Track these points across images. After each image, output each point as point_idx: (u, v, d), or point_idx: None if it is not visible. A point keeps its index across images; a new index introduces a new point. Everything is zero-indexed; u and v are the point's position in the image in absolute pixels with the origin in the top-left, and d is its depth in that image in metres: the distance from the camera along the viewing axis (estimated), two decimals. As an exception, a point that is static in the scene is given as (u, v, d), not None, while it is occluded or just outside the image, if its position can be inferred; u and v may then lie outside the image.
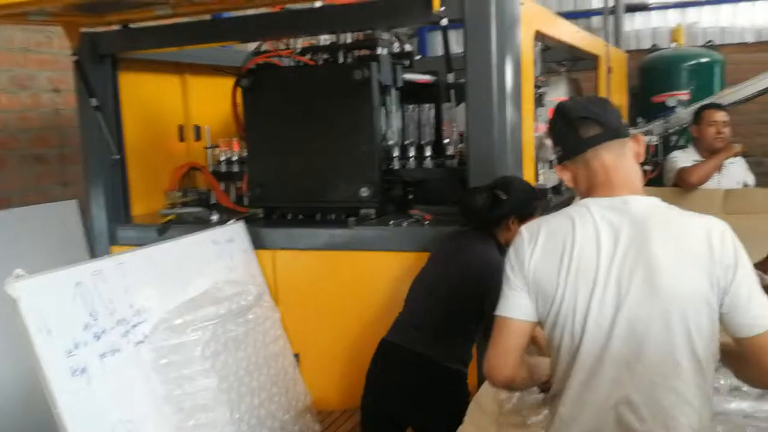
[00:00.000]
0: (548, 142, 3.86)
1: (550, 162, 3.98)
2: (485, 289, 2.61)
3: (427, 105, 3.92)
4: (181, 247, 3.25)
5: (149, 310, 2.88)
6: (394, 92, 3.92)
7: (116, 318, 2.73)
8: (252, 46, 4.21)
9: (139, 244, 3.60)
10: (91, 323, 2.62)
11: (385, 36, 3.92)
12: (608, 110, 1.96)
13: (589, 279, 1.82)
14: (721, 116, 4.67)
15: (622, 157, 1.92)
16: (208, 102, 4.74)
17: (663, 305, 1.76)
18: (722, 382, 2.36)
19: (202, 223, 3.85)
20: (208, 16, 3.84)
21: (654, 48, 7.91)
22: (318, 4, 3.80)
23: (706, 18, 8.40)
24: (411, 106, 3.90)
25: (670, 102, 6.82)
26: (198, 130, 4.68)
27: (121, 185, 4.13)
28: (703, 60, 7.17)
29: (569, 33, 4.42)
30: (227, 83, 4.32)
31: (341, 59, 3.89)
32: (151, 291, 2.92)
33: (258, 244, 3.68)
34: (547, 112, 3.97)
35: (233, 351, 3.01)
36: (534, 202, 2.91)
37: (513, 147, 3.29)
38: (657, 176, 5.16)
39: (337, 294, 3.55)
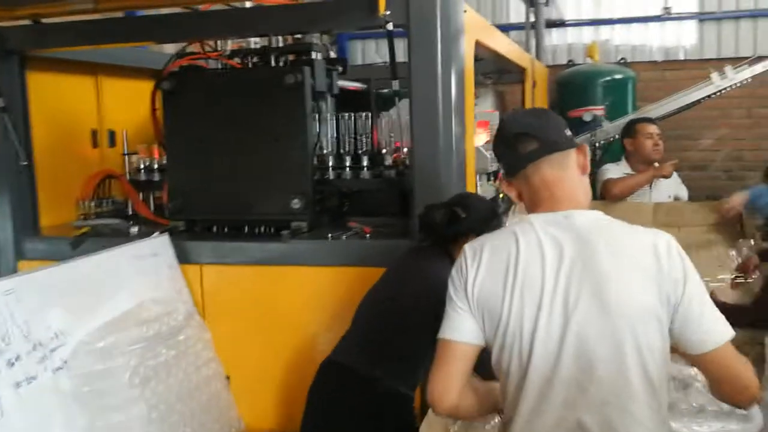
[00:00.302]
0: (488, 153, 3.79)
1: (488, 174, 3.90)
2: (439, 309, 2.50)
3: (364, 114, 3.76)
4: (102, 262, 2.97)
5: (68, 333, 2.61)
6: (329, 99, 3.76)
7: (32, 342, 2.46)
8: (173, 47, 3.97)
9: (50, 258, 3.34)
10: (4, 348, 2.35)
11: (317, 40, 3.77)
12: (546, 123, 1.90)
13: (534, 296, 1.74)
14: (655, 129, 4.72)
15: (565, 170, 1.86)
16: (125, 105, 4.44)
17: (612, 322, 1.69)
18: (683, 406, 2.30)
19: (121, 236, 3.58)
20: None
21: (570, 63, 8.04)
22: (249, 4, 3.61)
23: (618, 36, 8.60)
24: (347, 115, 3.74)
25: (587, 116, 6.91)
26: (113, 135, 4.37)
27: (30, 194, 3.79)
28: (618, 76, 7.33)
29: (504, 45, 4.38)
30: (145, 86, 4.06)
31: (273, 63, 3.69)
32: (70, 311, 2.65)
33: (183, 258, 3.43)
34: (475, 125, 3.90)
35: (164, 377, 2.76)
36: (493, 220, 2.81)
37: (458, 158, 3.18)
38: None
39: (271, 312, 3.35)
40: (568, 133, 1.90)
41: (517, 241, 1.79)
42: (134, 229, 3.63)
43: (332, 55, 4.05)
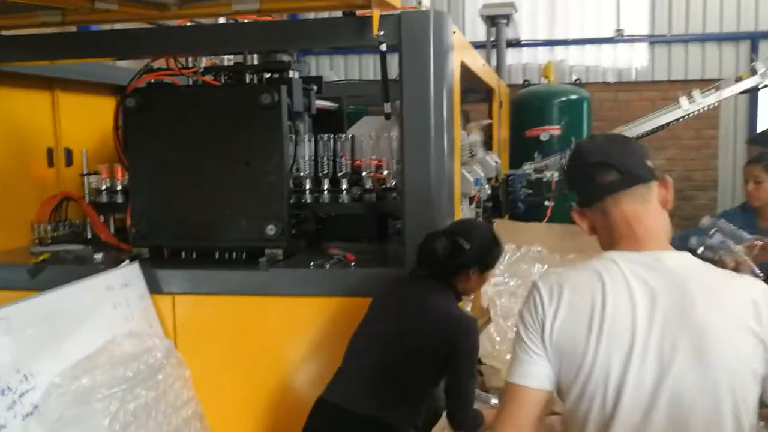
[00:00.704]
0: (469, 176, 3.68)
1: (470, 198, 3.80)
2: (452, 349, 2.42)
3: (343, 135, 3.61)
4: (71, 294, 2.73)
5: (38, 374, 2.37)
6: (306, 119, 3.60)
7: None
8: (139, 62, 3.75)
9: (5, 288, 3.14)
10: (-31, 396, 2.10)
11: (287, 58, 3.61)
12: (629, 153, 1.78)
13: (624, 344, 1.62)
14: None
15: (646, 205, 1.75)
16: (83, 122, 4.18)
17: (712, 377, 1.58)
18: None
19: (85, 264, 3.33)
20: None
21: (526, 83, 8.05)
22: (222, 21, 3.43)
23: (572, 57, 8.70)
24: (326, 136, 3.58)
25: (543, 136, 6.93)
26: (70, 154, 4.11)
27: (-19, 217, 3.52)
28: (573, 97, 7.34)
29: (478, 65, 4.30)
30: (106, 102, 3.84)
31: (248, 81, 3.52)
32: (39, 350, 2.41)
33: (154, 288, 3.20)
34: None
35: (143, 421, 2.54)
36: (496, 249, 2.69)
37: (448, 180, 3.06)
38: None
39: (250, 346, 3.15)
40: (650, 163, 1.80)
41: (603, 282, 1.67)
42: (98, 256, 3.39)
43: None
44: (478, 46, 7.95)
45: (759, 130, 8.22)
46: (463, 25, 8.72)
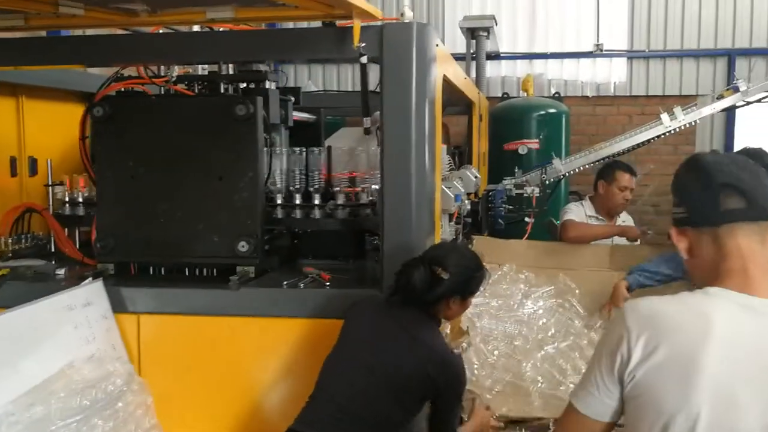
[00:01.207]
0: (450, 192, 3.56)
1: (450, 215, 3.68)
2: (437, 386, 2.34)
3: (316, 149, 3.48)
4: (30, 315, 2.57)
5: (-10, 403, 2.21)
6: (282, 132, 3.47)
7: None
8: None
9: None
10: None
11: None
12: (761, 182, 1.62)
13: (724, 402, 1.48)
14: (632, 181, 4.70)
15: (765, 245, 1.58)
16: (49, 131, 4.02)
17: None
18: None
19: (46, 280, 3.17)
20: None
21: (505, 96, 7.99)
22: (196, 28, 3.29)
23: (551, 70, 8.66)
24: (298, 149, 3.45)
25: (522, 150, 6.89)
26: (34, 163, 3.94)
27: (-62, 229, 3.34)
28: (552, 110, 7.31)
29: (460, 78, 4.20)
30: (74, 109, 3.68)
31: (222, 91, 3.38)
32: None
33: (117, 307, 3.03)
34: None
35: (102, 453, 2.38)
36: (478, 276, 2.58)
37: (429, 197, 2.95)
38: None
39: (218, 369, 2.99)
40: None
41: (709, 325, 1.50)
42: (61, 272, 3.23)
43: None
44: (457, 58, 7.91)
45: (735, 147, 8.23)
46: (443, 37, 8.65)
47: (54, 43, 3.32)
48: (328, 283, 3.05)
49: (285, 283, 3.06)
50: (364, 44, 2.68)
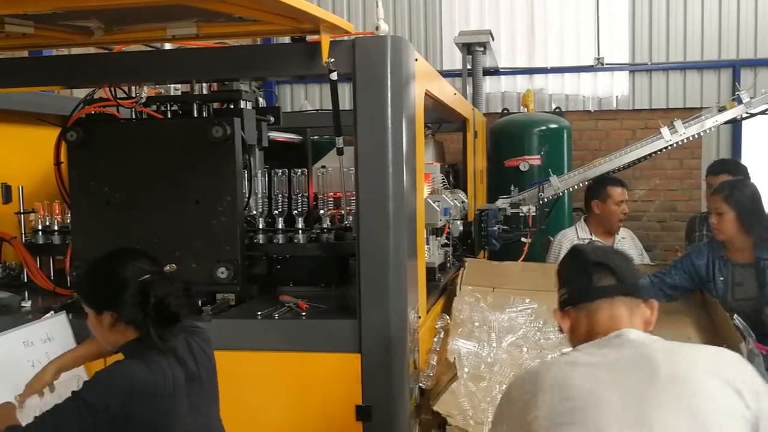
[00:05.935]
0: (436, 205, 3.42)
1: (436, 232, 3.52)
2: None
3: (299, 170, 3.33)
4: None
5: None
6: (257, 152, 3.33)
7: None
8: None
9: None
10: None
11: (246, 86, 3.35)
12: (627, 263, 1.88)
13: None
14: (626, 194, 4.57)
15: (632, 318, 1.79)
16: (21, 156, 3.89)
17: None
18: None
19: (10, 313, 3.02)
20: (25, 53, 3.09)
21: (505, 112, 7.84)
22: (168, 46, 3.16)
23: (552, 85, 8.50)
24: (280, 171, 3.31)
25: (523, 166, 6.72)
26: (8, 190, 3.81)
27: None
28: (553, 126, 7.14)
29: (449, 94, 4.05)
30: (47, 134, 3.55)
31: (195, 113, 3.25)
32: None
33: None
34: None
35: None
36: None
37: (409, 219, 2.79)
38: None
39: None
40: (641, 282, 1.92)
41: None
42: (26, 304, 3.09)
43: (261, 102, 3.65)
44: (455, 74, 7.80)
45: (742, 160, 8.03)
46: (441, 54, 8.52)
47: (10, 64, 3.17)
48: (304, 313, 2.88)
49: (259, 313, 2.91)
50: (333, 60, 2.53)
